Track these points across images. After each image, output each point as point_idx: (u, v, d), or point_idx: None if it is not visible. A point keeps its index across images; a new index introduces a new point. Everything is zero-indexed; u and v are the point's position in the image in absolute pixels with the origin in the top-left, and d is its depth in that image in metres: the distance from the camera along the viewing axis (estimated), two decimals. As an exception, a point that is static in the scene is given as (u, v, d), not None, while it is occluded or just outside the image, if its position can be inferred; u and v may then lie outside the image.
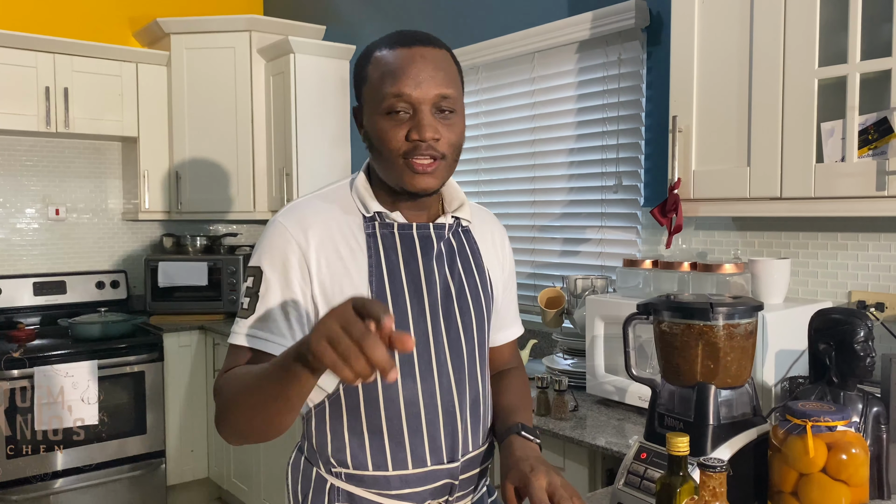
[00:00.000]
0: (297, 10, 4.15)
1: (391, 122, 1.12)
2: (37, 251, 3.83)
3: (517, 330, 1.46)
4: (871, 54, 1.60)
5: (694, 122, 1.90)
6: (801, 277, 2.03)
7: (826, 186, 1.64)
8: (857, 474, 1.13)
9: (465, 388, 1.22)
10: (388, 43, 1.15)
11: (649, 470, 1.26)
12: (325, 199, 1.22)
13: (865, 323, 1.37)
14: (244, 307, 1.15)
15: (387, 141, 1.13)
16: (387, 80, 1.12)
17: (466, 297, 1.24)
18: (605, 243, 2.58)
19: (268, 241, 1.17)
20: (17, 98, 3.42)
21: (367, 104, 1.16)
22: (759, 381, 1.72)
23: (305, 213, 1.18)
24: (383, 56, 1.14)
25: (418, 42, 1.14)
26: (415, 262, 1.20)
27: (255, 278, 1.15)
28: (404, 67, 1.11)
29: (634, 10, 2.32)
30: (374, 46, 1.18)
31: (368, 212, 1.19)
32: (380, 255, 1.18)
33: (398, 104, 1.11)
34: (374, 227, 1.19)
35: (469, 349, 1.24)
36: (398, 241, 1.19)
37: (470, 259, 1.27)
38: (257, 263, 1.16)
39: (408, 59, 1.12)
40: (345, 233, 1.18)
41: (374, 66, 1.15)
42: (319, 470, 1.21)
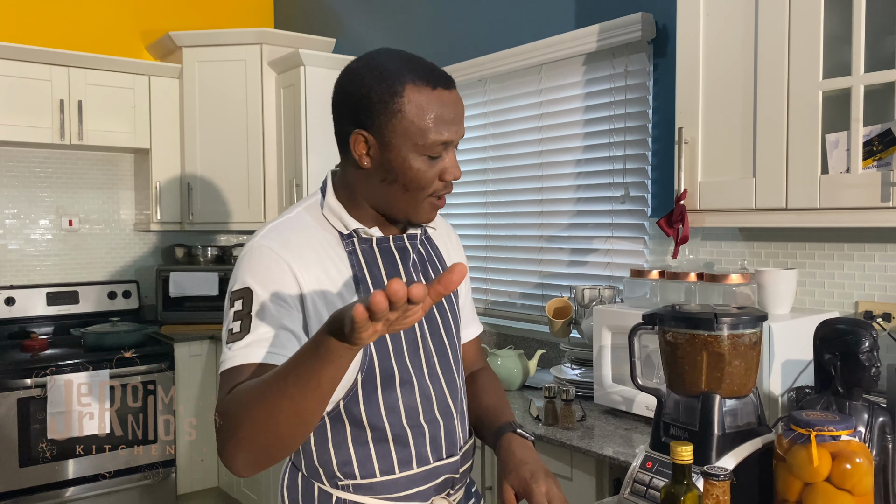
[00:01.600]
0: (307, 23, 4.19)
1: (429, 163, 1.13)
2: (50, 261, 3.88)
3: (477, 328, 1.48)
4: (875, 66, 1.62)
5: (700, 133, 1.92)
6: (807, 288, 2.03)
7: (831, 197, 1.66)
8: (862, 483, 1.13)
9: (454, 385, 1.28)
10: (424, 79, 1.11)
11: (655, 479, 1.27)
12: (302, 220, 1.20)
13: (870, 333, 1.37)
14: (234, 331, 1.09)
15: (422, 181, 1.14)
16: (436, 126, 1.11)
17: (442, 302, 1.28)
18: (612, 253, 2.59)
19: (254, 264, 1.12)
20: (31, 111, 3.47)
21: (396, 138, 1.11)
22: (766, 391, 1.73)
23: (288, 235, 1.16)
24: (426, 97, 1.11)
25: (452, 82, 1.15)
26: (397, 273, 1.22)
27: (244, 300, 1.10)
28: (451, 114, 1.12)
29: (641, 22, 2.34)
30: (402, 77, 1.11)
31: (346, 229, 1.19)
32: (364, 270, 1.18)
33: (442, 150, 1.13)
34: (354, 243, 1.19)
35: (451, 348, 1.29)
36: (378, 255, 1.21)
37: (438, 265, 1.32)
38: (244, 286, 1.11)
39: (452, 106, 1.13)
40: (328, 251, 1.17)
41: (412, 104, 1.10)
42: (322, 485, 1.20)
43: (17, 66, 3.42)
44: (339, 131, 1.18)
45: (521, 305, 2.97)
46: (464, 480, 1.30)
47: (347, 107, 1.14)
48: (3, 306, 3.63)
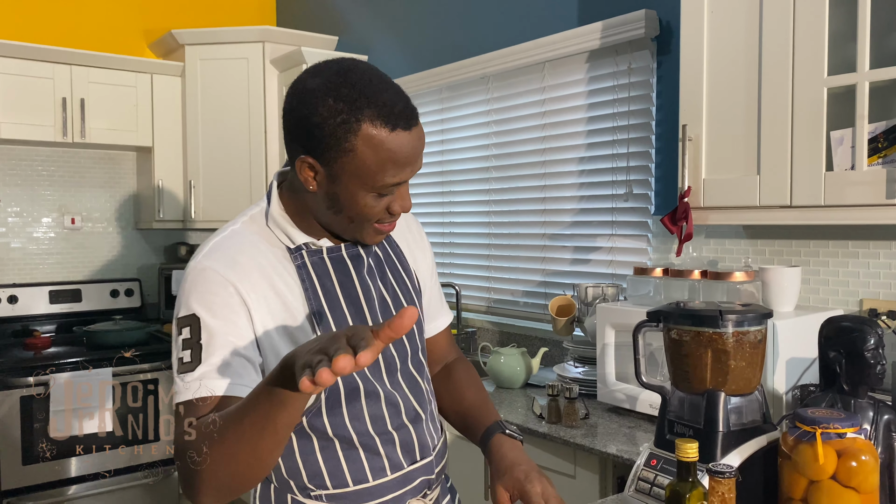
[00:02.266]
0: (309, 21, 4.19)
1: (378, 199, 1.09)
2: (52, 260, 3.88)
3: (447, 318, 1.44)
4: (881, 63, 1.61)
5: (704, 130, 1.91)
6: (811, 285, 2.03)
7: (836, 195, 1.65)
8: (868, 481, 1.13)
9: (419, 388, 1.25)
10: (383, 118, 1.03)
11: (659, 476, 1.27)
12: (244, 234, 1.15)
13: (876, 331, 1.37)
14: (185, 361, 1.04)
15: (369, 215, 1.10)
16: (388, 169, 1.05)
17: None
18: (615, 251, 2.58)
19: (199, 288, 1.07)
20: (34, 109, 3.47)
21: (345, 175, 1.06)
22: (770, 389, 1.72)
23: (232, 254, 1.11)
24: (380, 139, 1.03)
25: (414, 121, 1.07)
26: (350, 282, 1.17)
27: (191, 327, 1.05)
28: (407, 157, 1.06)
29: (644, 19, 2.33)
30: (359, 113, 1.02)
31: (294, 243, 1.14)
32: (314, 283, 1.14)
33: (393, 188, 1.08)
34: (303, 256, 1.14)
35: (413, 350, 1.25)
36: (330, 266, 1.16)
37: (396, 264, 1.27)
38: (189, 311, 1.06)
39: (409, 147, 1.06)
40: (276, 267, 1.12)
41: (368, 146, 1.03)
42: (295, 496, 1.17)
43: (19, 64, 3.42)
44: (288, 145, 1.11)
45: (524, 303, 2.96)
46: (440, 479, 1.28)
47: (297, 130, 1.07)
48: (5, 304, 3.63)
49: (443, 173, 3.31)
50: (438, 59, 3.25)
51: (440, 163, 3.31)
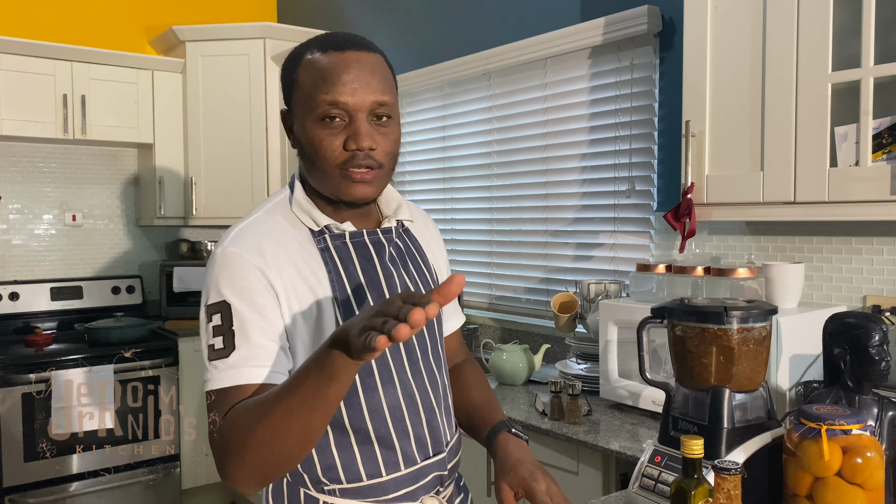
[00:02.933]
0: (310, 17, 4.18)
1: (326, 130, 1.09)
2: (54, 257, 3.88)
3: (459, 319, 1.45)
4: (885, 58, 1.60)
5: (707, 126, 1.91)
6: (815, 282, 2.02)
7: (840, 191, 1.64)
8: (873, 478, 1.13)
9: (437, 382, 1.24)
10: (319, 46, 1.10)
11: (664, 473, 1.27)
12: (270, 220, 1.15)
13: (880, 327, 1.36)
14: (217, 347, 1.06)
15: (322, 150, 1.09)
16: (320, 87, 1.08)
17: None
18: (618, 248, 2.58)
19: (225, 272, 1.08)
20: (35, 105, 3.46)
21: (298, 110, 1.12)
22: (774, 386, 1.72)
23: (258, 238, 1.11)
24: (315, 60, 1.09)
25: (352, 46, 1.10)
26: (373, 268, 1.18)
27: (222, 314, 1.06)
28: (339, 73, 1.07)
29: (647, 15, 2.32)
30: (303, 49, 1.13)
31: (317, 225, 1.15)
32: (338, 267, 1.14)
33: (333, 111, 1.08)
34: (326, 240, 1.15)
35: (433, 344, 1.25)
36: (353, 251, 1.17)
37: (416, 256, 1.28)
38: (220, 298, 1.07)
39: (342, 64, 1.08)
40: (300, 251, 1.13)
41: (305, 71, 1.10)
42: (307, 490, 1.16)
43: (20, 60, 3.41)
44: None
45: (527, 300, 2.96)
46: (452, 476, 1.27)
47: (282, 91, 1.18)
48: (7, 301, 3.63)
49: (444, 170, 3.30)
50: (440, 55, 3.24)
51: (442, 159, 3.30)
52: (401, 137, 1.18)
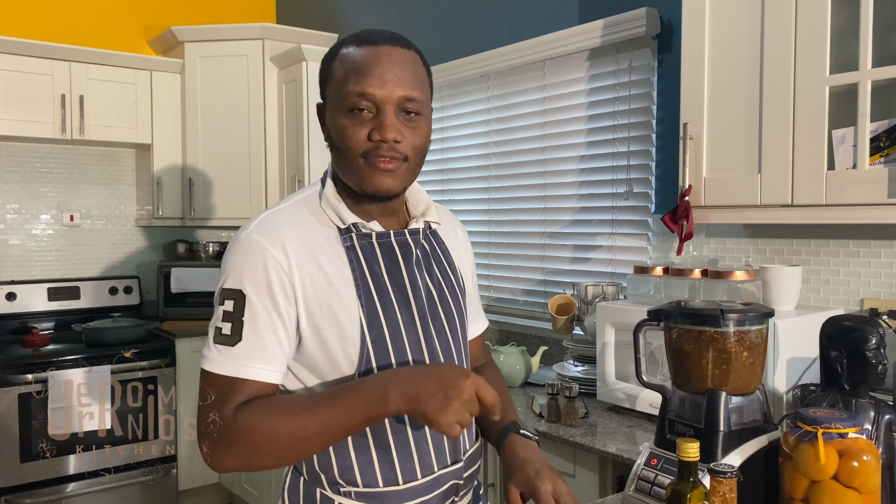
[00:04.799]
0: (309, 18, 4.18)
1: (353, 120, 1.11)
2: (51, 257, 3.87)
3: (483, 324, 1.46)
4: (883, 61, 1.60)
5: (705, 129, 1.91)
6: (812, 285, 2.02)
7: (837, 194, 1.64)
8: (869, 481, 1.12)
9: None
10: (355, 40, 1.14)
11: (660, 476, 1.27)
12: (296, 212, 1.16)
13: (877, 330, 1.36)
14: (225, 332, 1.07)
15: (347, 139, 1.11)
16: (351, 78, 1.10)
17: (447, 300, 1.25)
18: (615, 250, 2.58)
19: (245, 259, 1.09)
20: (33, 105, 3.46)
21: (330, 101, 1.15)
22: (771, 389, 1.72)
23: (281, 228, 1.12)
24: (349, 53, 1.12)
25: (386, 41, 1.12)
26: (398, 270, 1.18)
27: (235, 302, 1.08)
28: (370, 66, 1.10)
29: (645, 17, 2.32)
30: (341, 43, 1.16)
31: (344, 223, 1.15)
32: (363, 266, 1.14)
33: (361, 102, 1.10)
34: (352, 238, 1.15)
35: (456, 349, 1.25)
36: (378, 251, 1.17)
37: (443, 261, 1.27)
38: (237, 286, 1.08)
39: (374, 58, 1.10)
40: (324, 246, 1.13)
41: (339, 63, 1.13)
42: (324, 491, 1.16)
43: (18, 60, 3.41)
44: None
45: (524, 302, 2.96)
46: (469, 485, 1.26)
47: (319, 84, 1.20)
48: (4, 301, 3.62)
49: (442, 171, 3.30)
50: (439, 56, 3.24)
51: (440, 160, 3.30)
52: (430, 135, 1.18)
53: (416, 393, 1.00)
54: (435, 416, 0.99)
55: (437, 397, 0.99)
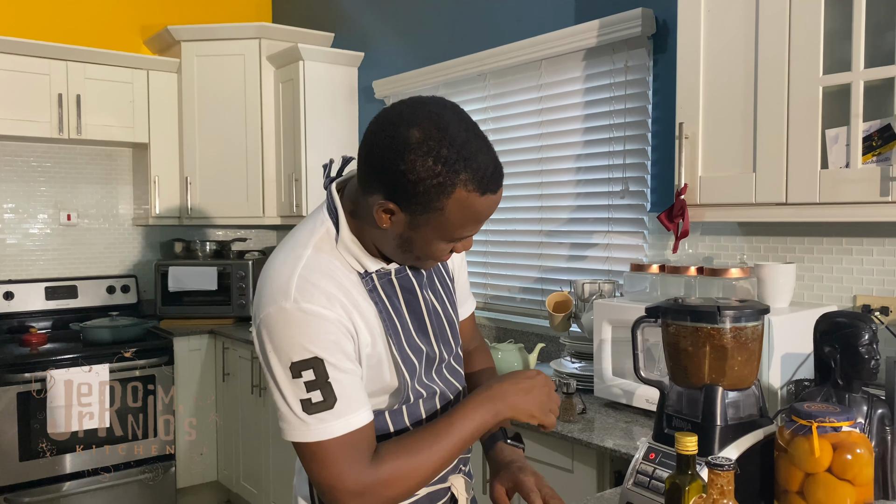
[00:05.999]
0: (306, 17, 4.19)
1: (447, 244, 1.13)
2: (48, 256, 3.88)
3: (471, 304, 1.49)
4: (875, 62, 1.63)
5: (700, 128, 1.93)
6: (806, 282, 2.05)
7: (831, 192, 1.67)
8: (862, 474, 1.15)
9: (460, 376, 1.35)
10: (477, 183, 1.04)
11: (658, 470, 1.29)
12: (325, 262, 1.14)
13: (870, 326, 1.39)
14: (317, 400, 1.07)
15: (436, 256, 1.15)
16: (468, 226, 1.09)
17: (448, 309, 1.32)
18: (612, 248, 2.60)
19: (307, 331, 1.07)
20: (30, 105, 3.46)
21: (426, 227, 1.08)
22: (766, 384, 1.75)
23: (323, 286, 1.10)
24: (471, 202, 1.05)
25: (500, 183, 1.10)
26: (415, 299, 1.23)
27: (315, 369, 1.07)
28: (486, 216, 1.10)
29: (641, 18, 2.35)
30: (457, 176, 1.02)
31: (365, 269, 1.16)
32: (386, 306, 1.18)
33: (463, 239, 1.14)
34: (373, 280, 1.17)
35: (456, 345, 1.33)
36: (397, 286, 1.21)
37: (441, 270, 1.33)
38: (307, 356, 1.06)
39: (493, 207, 1.10)
40: (352, 293, 1.14)
41: (456, 205, 1.04)
42: None
43: (15, 59, 3.41)
44: (365, 181, 1.09)
45: (521, 300, 2.98)
46: (468, 455, 1.36)
47: (386, 177, 1.05)
48: (1, 301, 3.63)
49: (439, 170, 3.31)
50: (435, 55, 3.26)
51: (437, 160, 3.31)
52: None
53: (516, 403, 1.15)
54: (540, 416, 1.17)
55: (532, 402, 1.16)
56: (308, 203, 3.65)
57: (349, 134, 3.79)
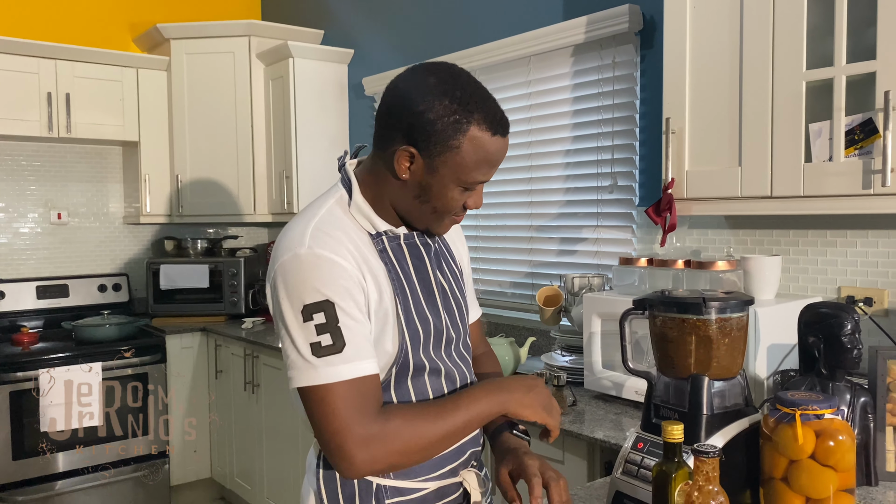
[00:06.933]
0: (295, 14, 4.20)
1: (462, 193, 1.19)
2: (39, 255, 3.87)
3: (478, 311, 1.53)
4: (857, 57, 1.66)
5: (687, 123, 1.96)
6: (791, 274, 2.08)
7: (815, 185, 1.70)
8: (844, 460, 1.18)
9: (469, 364, 1.37)
10: (489, 123, 1.14)
11: (646, 459, 1.31)
12: (340, 218, 1.21)
13: (852, 316, 1.42)
14: (326, 343, 1.10)
15: (452, 207, 1.20)
16: (482, 168, 1.16)
17: (455, 292, 1.35)
18: (601, 242, 2.63)
19: (317, 273, 1.12)
20: (19, 104, 3.46)
21: (444, 168, 1.15)
22: (752, 375, 1.77)
23: (337, 236, 1.16)
24: (484, 142, 1.14)
25: (508, 130, 1.19)
26: (423, 268, 1.28)
27: (326, 312, 1.11)
28: (498, 158, 1.18)
29: (628, 14, 2.37)
30: (471, 116, 1.12)
31: (376, 229, 1.22)
32: (396, 268, 1.22)
33: (476, 185, 1.20)
34: (383, 241, 1.22)
35: (464, 331, 1.37)
36: (406, 251, 1.25)
37: (448, 256, 1.37)
38: (320, 298, 1.11)
39: (502, 150, 1.18)
40: (364, 251, 1.19)
41: (470, 144, 1.13)
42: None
43: (3, 58, 3.41)
44: (383, 134, 1.18)
45: (512, 294, 3.00)
46: (481, 451, 1.38)
47: (406, 121, 1.14)
48: (-8, 300, 3.62)
49: (430, 166, 3.33)
50: (424, 53, 3.27)
51: (427, 156, 3.33)
52: None
53: (523, 399, 1.19)
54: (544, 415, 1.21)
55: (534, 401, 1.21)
56: (299, 200, 3.66)
57: (340, 131, 3.80)
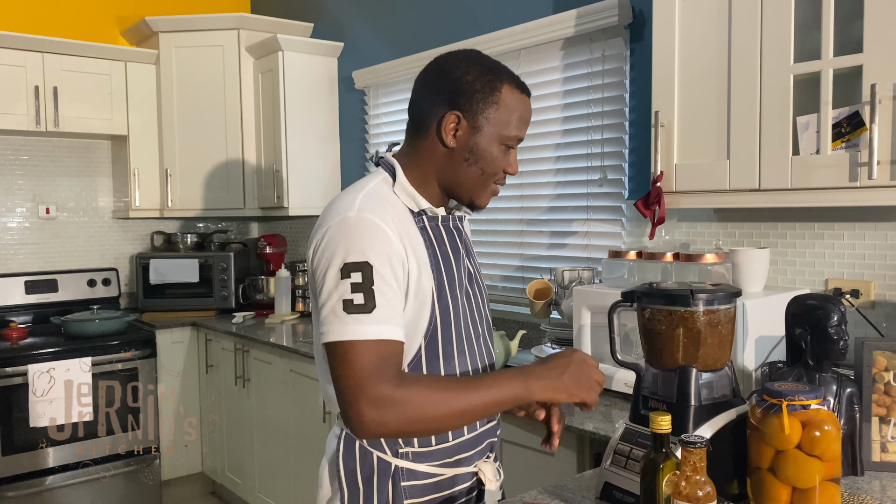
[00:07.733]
0: (284, 8, 4.18)
1: (503, 153, 1.28)
2: (28, 250, 3.85)
3: None
4: (844, 51, 1.67)
5: (675, 117, 1.97)
6: (779, 266, 2.10)
7: (802, 178, 1.71)
8: (830, 450, 1.19)
9: (492, 353, 1.42)
10: (517, 84, 1.28)
11: (634, 450, 1.32)
12: (385, 193, 1.27)
13: (839, 308, 1.43)
14: (358, 302, 1.15)
15: (495, 167, 1.28)
16: (518, 124, 1.28)
17: (481, 284, 1.44)
18: (590, 235, 2.64)
19: (363, 235, 1.17)
20: (6, 97, 3.43)
21: (490, 124, 1.26)
22: (741, 366, 1.79)
23: (386, 207, 1.22)
24: (517, 97, 1.28)
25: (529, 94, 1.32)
26: (457, 248, 1.34)
27: (363, 273, 1.15)
28: (528, 117, 1.30)
29: (617, 7, 2.37)
30: (502, 76, 1.27)
31: (417, 207, 1.28)
32: (434, 246, 1.27)
33: (514, 143, 1.29)
34: (424, 220, 1.28)
35: (489, 319, 1.44)
36: (443, 232, 1.31)
37: (469, 244, 1.44)
38: (361, 258, 1.16)
39: (530, 111, 1.32)
40: (408, 227, 1.25)
41: (507, 99, 1.26)
42: (382, 455, 1.27)
43: (-10, 52, 3.38)
44: (426, 110, 1.27)
45: (503, 288, 3.01)
46: (496, 444, 1.42)
47: (447, 89, 1.25)
48: (-20, 295, 3.60)
49: (420, 160, 3.33)
50: (414, 46, 3.27)
51: (417, 150, 3.33)
52: None
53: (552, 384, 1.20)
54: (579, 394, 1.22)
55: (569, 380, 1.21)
56: (289, 194, 3.65)
57: (330, 124, 3.79)
